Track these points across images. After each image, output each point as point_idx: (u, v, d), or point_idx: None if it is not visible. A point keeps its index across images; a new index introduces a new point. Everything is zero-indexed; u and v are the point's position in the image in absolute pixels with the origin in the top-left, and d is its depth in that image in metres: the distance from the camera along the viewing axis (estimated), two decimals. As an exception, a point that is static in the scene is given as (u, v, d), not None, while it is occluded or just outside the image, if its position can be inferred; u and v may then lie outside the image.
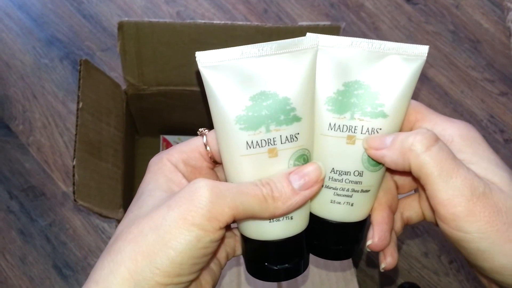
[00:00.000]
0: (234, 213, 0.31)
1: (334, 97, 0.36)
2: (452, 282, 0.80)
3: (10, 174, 0.84)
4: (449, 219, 0.32)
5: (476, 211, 0.31)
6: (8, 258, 0.79)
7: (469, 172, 0.32)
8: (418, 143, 0.32)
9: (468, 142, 0.34)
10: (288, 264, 0.36)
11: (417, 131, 0.33)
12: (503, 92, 0.96)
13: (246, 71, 0.33)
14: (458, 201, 0.31)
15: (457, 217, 0.31)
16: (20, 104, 0.90)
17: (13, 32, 0.96)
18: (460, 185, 0.31)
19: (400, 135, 0.34)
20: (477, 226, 0.31)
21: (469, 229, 0.31)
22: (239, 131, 0.33)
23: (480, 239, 0.31)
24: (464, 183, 0.31)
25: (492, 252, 0.31)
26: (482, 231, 0.31)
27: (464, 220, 0.31)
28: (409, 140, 0.33)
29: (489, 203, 0.31)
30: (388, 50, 0.35)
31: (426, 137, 0.32)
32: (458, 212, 0.31)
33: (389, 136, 0.34)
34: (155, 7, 1.00)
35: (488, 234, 0.31)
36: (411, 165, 0.33)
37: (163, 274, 0.30)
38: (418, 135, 0.33)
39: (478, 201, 0.31)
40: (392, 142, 0.34)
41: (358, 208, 0.37)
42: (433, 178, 0.32)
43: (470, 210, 0.31)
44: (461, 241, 0.32)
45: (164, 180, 0.35)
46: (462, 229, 0.31)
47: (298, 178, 0.33)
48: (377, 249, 0.37)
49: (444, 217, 0.32)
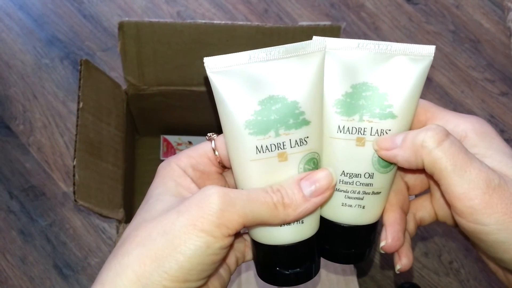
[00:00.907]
0: (244, 221, 0.31)
1: (343, 99, 0.35)
2: (453, 282, 0.80)
3: (10, 174, 0.84)
4: (466, 212, 0.32)
5: (493, 203, 0.31)
6: (9, 258, 0.79)
7: (483, 165, 0.32)
8: (430, 139, 0.32)
9: (482, 137, 0.34)
10: (299, 269, 0.36)
11: (428, 127, 0.33)
12: (503, 92, 0.96)
13: (254, 76, 0.33)
14: (474, 194, 0.31)
15: (474, 210, 0.31)
16: (20, 104, 0.90)
17: (14, 32, 0.96)
18: (475, 178, 0.31)
19: (411, 133, 0.34)
20: (495, 217, 0.31)
21: (487, 221, 0.31)
22: (248, 136, 0.33)
23: (499, 230, 0.31)
24: (479, 176, 0.31)
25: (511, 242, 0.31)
26: (501, 223, 0.31)
27: (482, 213, 0.31)
28: (420, 136, 0.33)
29: (505, 194, 0.31)
30: (394, 51, 0.35)
31: (437, 132, 0.32)
32: (475, 205, 0.31)
33: (399, 136, 0.34)
34: (155, 7, 1.00)
35: (506, 225, 0.31)
36: (424, 162, 0.33)
37: (171, 279, 0.30)
38: (429, 131, 0.32)
39: (494, 193, 0.31)
40: (403, 141, 0.34)
41: (370, 211, 0.37)
42: (447, 173, 0.32)
43: (486, 202, 0.31)
44: (479, 233, 0.32)
45: (173, 185, 0.34)
46: (480, 222, 0.31)
47: (309, 185, 0.33)
48: (391, 250, 0.37)
49: (461, 211, 0.32)
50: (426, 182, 0.39)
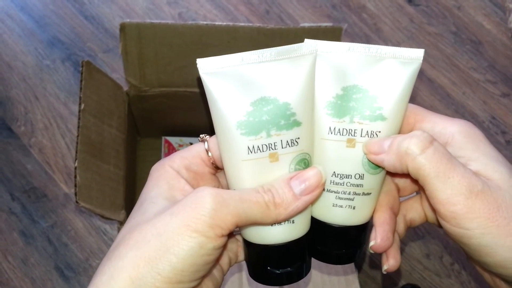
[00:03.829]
0: (236, 221, 0.32)
1: (333, 101, 0.36)
2: (454, 284, 0.80)
3: (12, 176, 0.84)
4: (450, 217, 0.32)
5: (475, 208, 0.31)
6: (10, 259, 0.79)
7: (466, 171, 0.32)
8: (414, 146, 0.33)
9: (469, 139, 0.35)
10: (290, 268, 0.36)
11: (412, 134, 0.33)
12: (504, 94, 0.96)
13: (246, 77, 0.33)
14: (457, 199, 0.32)
15: (457, 215, 0.32)
16: (22, 105, 0.90)
17: (15, 34, 0.96)
18: (458, 184, 0.32)
19: (397, 138, 0.34)
20: (477, 222, 0.31)
21: (469, 226, 0.32)
22: (240, 136, 0.33)
23: (482, 234, 0.32)
24: (461, 182, 0.32)
25: (494, 246, 0.32)
26: (483, 227, 0.31)
27: (464, 218, 0.32)
28: (405, 143, 0.33)
29: (488, 199, 0.32)
30: (384, 54, 0.36)
31: (421, 140, 0.33)
32: (458, 210, 0.32)
33: (387, 140, 0.35)
34: (157, 8, 1.00)
35: (489, 230, 0.31)
36: (409, 168, 0.33)
37: (165, 280, 0.30)
38: (413, 138, 0.33)
39: (476, 198, 0.31)
40: (390, 146, 0.34)
41: (360, 211, 0.37)
42: (431, 179, 0.32)
43: (469, 207, 0.31)
44: (463, 237, 0.32)
45: (166, 187, 0.35)
46: (462, 226, 0.32)
47: (299, 183, 0.34)
48: (379, 250, 0.37)
49: (445, 216, 0.33)
50: (416, 184, 0.39)
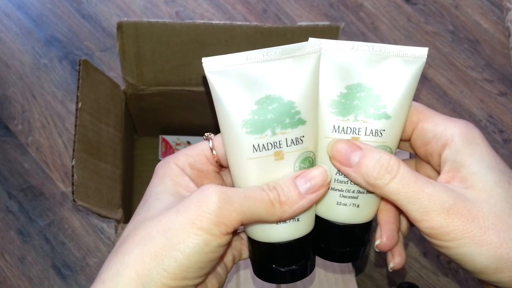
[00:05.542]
0: (241, 218, 0.32)
1: (338, 100, 0.36)
2: (451, 282, 0.80)
3: (9, 174, 0.84)
4: (427, 232, 0.34)
5: (449, 222, 0.32)
6: (7, 258, 0.79)
7: (436, 188, 0.33)
8: (380, 179, 0.33)
9: (467, 143, 0.35)
10: (295, 266, 0.36)
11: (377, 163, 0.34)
12: (502, 92, 0.96)
13: (251, 76, 0.33)
14: (430, 217, 0.33)
15: (433, 230, 0.33)
16: (19, 104, 0.90)
17: (12, 32, 0.96)
18: (428, 203, 0.33)
19: (364, 162, 0.34)
20: (453, 235, 0.32)
21: (446, 238, 0.33)
22: (245, 134, 0.34)
23: (459, 245, 0.33)
24: (431, 200, 0.33)
25: (471, 256, 0.33)
26: (459, 238, 0.32)
27: (440, 232, 0.33)
28: (372, 174, 0.34)
29: (462, 212, 0.32)
30: (388, 52, 0.36)
31: (389, 170, 0.33)
32: (433, 226, 0.33)
33: (354, 155, 0.35)
34: (154, 7, 1.00)
35: (464, 241, 0.32)
36: (378, 193, 0.35)
37: (170, 276, 0.30)
38: (381, 169, 0.34)
39: (449, 213, 0.32)
40: (357, 166, 0.34)
41: (364, 210, 0.37)
42: (401, 203, 0.34)
43: (442, 222, 0.33)
44: (442, 248, 0.34)
45: (171, 184, 0.35)
46: (441, 239, 0.33)
47: (304, 182, 0.34)
48: (385, 249, 0.38)
49: (423, 231, 0.34)
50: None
